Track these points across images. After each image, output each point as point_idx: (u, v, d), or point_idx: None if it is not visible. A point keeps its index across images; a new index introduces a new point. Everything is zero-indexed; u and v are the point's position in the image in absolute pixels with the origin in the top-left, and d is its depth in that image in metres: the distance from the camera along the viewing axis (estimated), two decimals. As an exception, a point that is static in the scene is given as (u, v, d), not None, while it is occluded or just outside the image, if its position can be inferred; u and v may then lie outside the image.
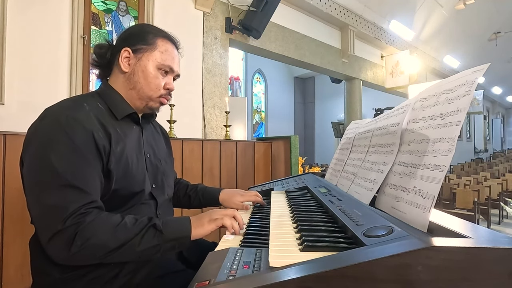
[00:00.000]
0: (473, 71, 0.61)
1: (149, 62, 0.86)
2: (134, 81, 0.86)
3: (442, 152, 0.59)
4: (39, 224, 0.69)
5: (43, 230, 0.67)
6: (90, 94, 0.87)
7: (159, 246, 0.70)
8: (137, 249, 0.68)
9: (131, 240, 0.68)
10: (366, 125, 1.18)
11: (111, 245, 0.67)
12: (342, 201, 0.88)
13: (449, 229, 0.54)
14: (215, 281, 0.50)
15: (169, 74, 0.90)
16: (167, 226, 0.72)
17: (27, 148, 0.74)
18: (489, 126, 17.77)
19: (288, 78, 11.92)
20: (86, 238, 0.65)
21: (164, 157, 1.01)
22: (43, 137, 0.71)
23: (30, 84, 2.50)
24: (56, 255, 0.67)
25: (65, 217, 0.65)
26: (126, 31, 0.91)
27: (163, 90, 0.88)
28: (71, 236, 0.64)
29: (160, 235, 0.70)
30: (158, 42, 0.87)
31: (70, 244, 0.64)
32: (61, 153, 0.69)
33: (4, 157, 1.49)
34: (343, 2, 5.60)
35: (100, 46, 0.90)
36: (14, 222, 1.51)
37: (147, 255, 0.70)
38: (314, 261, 0.49)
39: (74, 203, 0.67)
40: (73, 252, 0.64)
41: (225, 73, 4.03)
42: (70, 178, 0.68)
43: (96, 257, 0.67)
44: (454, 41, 9.02)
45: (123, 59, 0.85)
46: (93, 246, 0.66)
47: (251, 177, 2.66)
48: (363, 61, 6.77)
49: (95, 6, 2.92)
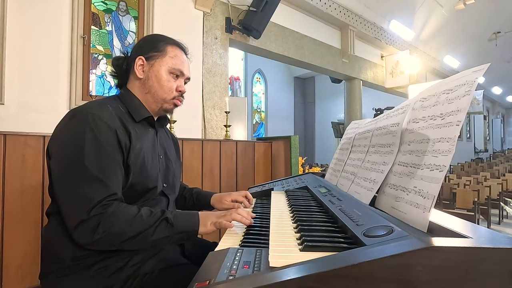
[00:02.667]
0: (473, 71, 0.61)
1: (161, 67, 0.94)
2: (149, 85, 0.94)
3: (442, 152, 0.59)
4: (66, 211, 0.77)
5: (70, 217, 0.75)
6: (112, 98, 0.95)
7: (170, 237, 0.78)
8: (150, 238, 0.76)
9: (146, 231, 0.76)
10: (366, 125, 1.18)
11: (128, 234, 0.75)
12: (342, 201, 0.88)
13: (449, 229, 0.54)
14: (215, 281, 0.50)
15: (180, 77, 0.98)
16: (178, 220, 0.80)
17: (55, 143, 0.82)
18: (489, 126, 17.77)
19: (288, 78, 11.91)
20: (107, 227, 0.73)
21: (174, 159, 1.08)
22: (72, 134, 0.79)
23: (30, 84, 2.50)
24: (80, 240, 0.75)
25: (90, 207, 0.73)
26: (139, 42, 1.01)
27: (176, 92, 0.97)
28: (94, 225, 0.72)
29: (171, 228, 0.78)
30: (168, 49, 0.96)
31: (93, 232, 0.72)
32: (88, 149, 0.77)
33: (4, 157, 1.49)
34: (343, 2, 5.59)
35: (117, 58, 0.99)
36: (14, 222, 1.51)
37: (158, 244, 0.79)
38: (314, 261, 0.49)
39: (99, 195, 0.75)
40: (95, 239, 0.73)
41: (225, 73, 4.03)
42: (96, 172, 0.76)
43: (114, 244, 0.75)
44: (454, 41, 9.02)
45: (137, 67, 0.94)
46: (113, 234, 0.74)
47: (251, 177, 2.66)
48: (363, 61, 6.77)
49: (95, 6, 2.92)
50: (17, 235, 1.52)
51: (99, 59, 2.95)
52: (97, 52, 2.94)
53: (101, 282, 0.78)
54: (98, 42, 2.94)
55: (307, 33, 5.30)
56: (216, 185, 2.43)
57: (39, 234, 1.57)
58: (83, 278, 0.78)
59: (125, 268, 0.81)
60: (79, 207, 0.73)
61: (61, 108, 2.65)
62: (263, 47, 4.54)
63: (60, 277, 0.79)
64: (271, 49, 4.69)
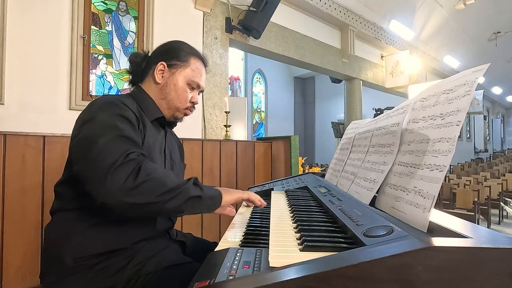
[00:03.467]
0: (473, 71, 0.61)
1: (181, 77, 0.97)
2: (165, 92, 0.96)
3: (442, 152, 0.59)
4: (94, 165, 0.69)
5: (101, 168, 0.68)
6: (125, 95, 0.95)
7: (200, 200, 0.77)
8: (189, 194, 0.74)
9: (184, 185, 0.74)
10: (366, 125, 1.18)
11: (169, 184, 0.72)
12: (342, 201, 0.88)
13: (449, 229, 0.54)
14: (215, 281, 0.50)
15: (195, 89, 1.01)
16: (204, 186, 0.80)
17: (82, 123, 0.79)
18: (489, 126, 17.77)
19: (288, 78, 11.92)
20: (149, 171, 0.70)
21: (178, 162, 1.09)
22: (100, 111, 0.79)
23: (30, 84, 2.50)
24: (118, 188, 0.67)
25: (127, 152, 0.70)
26: (163, 46, 1.01)
27: (189, 103, 1.00)
28: (136, 168, 0.69)
29: (202, 191, 0.78)
30: (191, 60, 0.98)
31: (136, 174, 0.68)
32: (116, 118, 0.78)
33: (4, 157, 1.49)
34: (343, 2, 5.59)
35: (135, 55, 1.00)
36: (14, 222, 1.51)
37: (190, 206, 0.76)
38: (314, 261, 0.49)
39: (132, 148, 0.73)
40: (139, 182, 0.67)
41: (225, 73, 4.03)
42: (127, 132, 0.76)
43: (155, 194, 0.69)
44: (454, 41, 9.02)
45: (158, 71, 0.96)
46: (154, 180, 0.70)
47: (251, 177, 2.66)
48: (363, 61, 6.77)
49: (95, 6, 2.92)
50: (17, 235, 1.52)
51: (99, 59, 2.95)
52: (97, 52, 2.94)
53: (103, 282, 0.78)
54: (98, 42, 2.94)
55: (307, 33, 5.30)
56: (216, 185, 2.42)
57: (39, 234, 1.57)
58: (85, 278, 0.77)
59: (127, 267, 0.80)
60: (113, 153, 0.69)
61: (61, 108, 2.65)
62: (263, 47, 4.54)
63: (62, 277, 0.79)
64: (271, 49, 4.69)
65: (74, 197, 0.82)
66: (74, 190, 0.81)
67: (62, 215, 0.83)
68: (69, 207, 0.82)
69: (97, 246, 0.80)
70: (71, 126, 0.85)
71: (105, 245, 0.80)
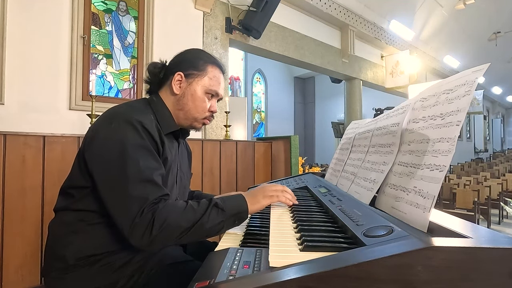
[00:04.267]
0: (473, 71, 0.61)
1: (198, 87, 0.94)
2: (183, 103, 0.94)
3: (442, 152, 0.59)
4: (120, 215, 0.74)
5: (125, 222, 0.72)
6: (144, 103, 0.94)
7: (223, 223, 0.78)
8: (206, 226, 0.75)
9: (200, 219, 0.75)
10: (366, 125, 1.18)
11: (184, 225, 0.73)
12: (342, 201, 0.88)
13: (449, 229, 0.54)
14: (215, 281, 0.50)
15: (214, 97, 0.98)
16: (226, 204, 0.79)
17: (97, 147, 0.80)
18: (489, 126, 17.76)
19: (288, 78, 11.91)
20: (162, 221, 0.71)
21: (186, 171, 1.08)
22: (121, 138, 0.78)
23: (30, 84, 2.50)
24: (139, 241, 0.71)
25: (144, 207, 0.72)
26: (180, 56, 0.99)
27: (208, 113, 0.97)
28: (150, 221, 0.71)
29: (223, 213, 0.78)
30: (208, 69, 0.96)
31: (151, 228, 0.70)
32: (139, 152, 0.78)
33: (4, 157, 1.49)
34: (343, 2, 5.59)
35: (154, 65, 0.98)
36: (14, 222, 1.51)
37: (213, 232, 0.77)
38: (314, 261, 0.49)
39: (153, 195, 0.74)
40: (154, 235, 0.70)
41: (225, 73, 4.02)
42: (149, 174, 0.76)
43: (172, 237, 0.73)
44: (454, 41, 9.02)
45: (175, 82, 0.94)
46: (169, 227, 0.72)
47: (251, 177, 2.66)
48: (363, 61, 6.77)
49: (95, 6, 2.92)
50: (17, 235, 1.52)
51: (99, 59, 2.95)
52: (97, 52, 2.94)
53: (106, 277, 0.79)
54: (98, 42, 2.94)
55: (307, 33, 5.30)
56: (216, 185, 2.43)
57: (39, 234, 1.57)
58: (87, 274, 0.78)
59: (130, 263, 0.81)
60: (133, 206, 0.72)
61: (61, 108, 2.65)
62: (263, 47, 4.54)
63: (64, 274, 0.79)
64: (271, 49, 4.69)
65: (82, 199, 0.82)
66: (83, 193, 0.82)
67: (67, 214, 0.83)
68: (75, 207, 0.83)
69: (100, 246, 0.80)
70: (71, 126, 0.85)
71: (108, 244, 0.81)
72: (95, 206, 0.80)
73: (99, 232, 0.81)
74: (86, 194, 0.81)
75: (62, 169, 1.62)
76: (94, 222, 0.81)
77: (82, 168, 0.83)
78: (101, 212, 0.80)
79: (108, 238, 0.81)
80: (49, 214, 1.58)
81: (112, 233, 0.80)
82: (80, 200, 0.82)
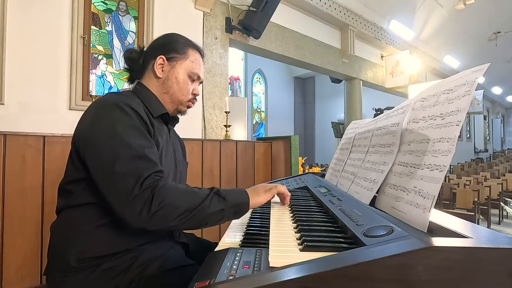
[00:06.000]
0: (473, 71, 0.61)
1: (182, 70, 0.96)
2: (168, 86, 0.95)
3: (442, 152, 0.59)
4: (115, 193, 0.73)
5: (121, 198, 0.71)
6: (128, 92, 0.94)
7: (224, 212, 0.77)
8: (207, 211, 0.74)
9: (201, 204, 0.74)
10: (366, 125, 1.18)
11: (183, 206, 0.72)
12: (342, 201, 0.88)
13: (449, 229, 0.54)
14: (215, 281, 0.50)
15: (196, 81, 1.01)
16: (228, 194, 0.79)
17: (87, 133, 0.80)
18: (489, 126, 17.77)
19: (288, 78, 11.92)
20: (162, 199, 0.70)
21: (181, 159, 1.08)
22: (109, 120, 0.78)
23: (30, 84, 2.50)
24: (136, 218, 0.70)
25: (141, 181, 0.71)
26: (160, 40, 1.00)
27: (191, 95, 0.99)
28: (149, 197, 0.70)
29: (224, 201, 0.77)
30: (189, 52, 0.98)
31: (149, 204, 0.69)
32: (129, 131, 0.77)
33: (4, 157, 1.49)
34: (343, 2, 5.60)
35: (130, 51, 0.99)
36: (14, 222, 1.51)
37: (214, 220, 0.77)
38: (314, 261, 0.49)
39: (148, 170, 0.73)
40: (152, 212, 0.69)
41: (225, 73, 4.03)
42: (141, 150, 0.76)
43: (171, 218, 0.71)
44: (454, 41, 9.02)
45: (157, 66, 0.95)
46: (168, 206, 0.70)
47: (251, 177, 2.66)
48: (363, 61, 6.77)
49: (95, 6, 2.92)
50: (17, 235, 1.52)
51: (99, 59, 2.95)
52: (97, 52, 2.94)
53: (106, 283, 0.78)
54: (98, 42, 2.94)
55: (307, 33, 5.30)
56: (216, 185, 2.42)
57: (39, 234, 1.57)
58: (88, 278, 0.78)
59: (129, 269, 0.80)
60: (129, 184, 0.70)
61: (61, 108, 2.65)
62: (263, 47, 4.54)
63: (65, 276, 0.79)
64: (271, 49, 4.69)
65: (80, 193, 0.82)
66: (80, 186, 0.81)
67: (69, 212, 0.83)
68: (75, 203, 0.82)
69: (102, 248, 0.80)
70: (71, 126, 0.85)
71: (109, 247, 0.80)
72: (94, 198, 0.79)
73: (101, 233, 0.80)
74: (84, 188, 0.81)
75: (62, 169, 1.61)
76: (96, 223, 0.80)
77: (74, 160, 0.82)
78: (100, 204, 0.78)
79: (110, 240, 0.80)
80: (49, 214, 1.58)
81: (114, 235, 0.80)
82: (79, 195, 0.81)
